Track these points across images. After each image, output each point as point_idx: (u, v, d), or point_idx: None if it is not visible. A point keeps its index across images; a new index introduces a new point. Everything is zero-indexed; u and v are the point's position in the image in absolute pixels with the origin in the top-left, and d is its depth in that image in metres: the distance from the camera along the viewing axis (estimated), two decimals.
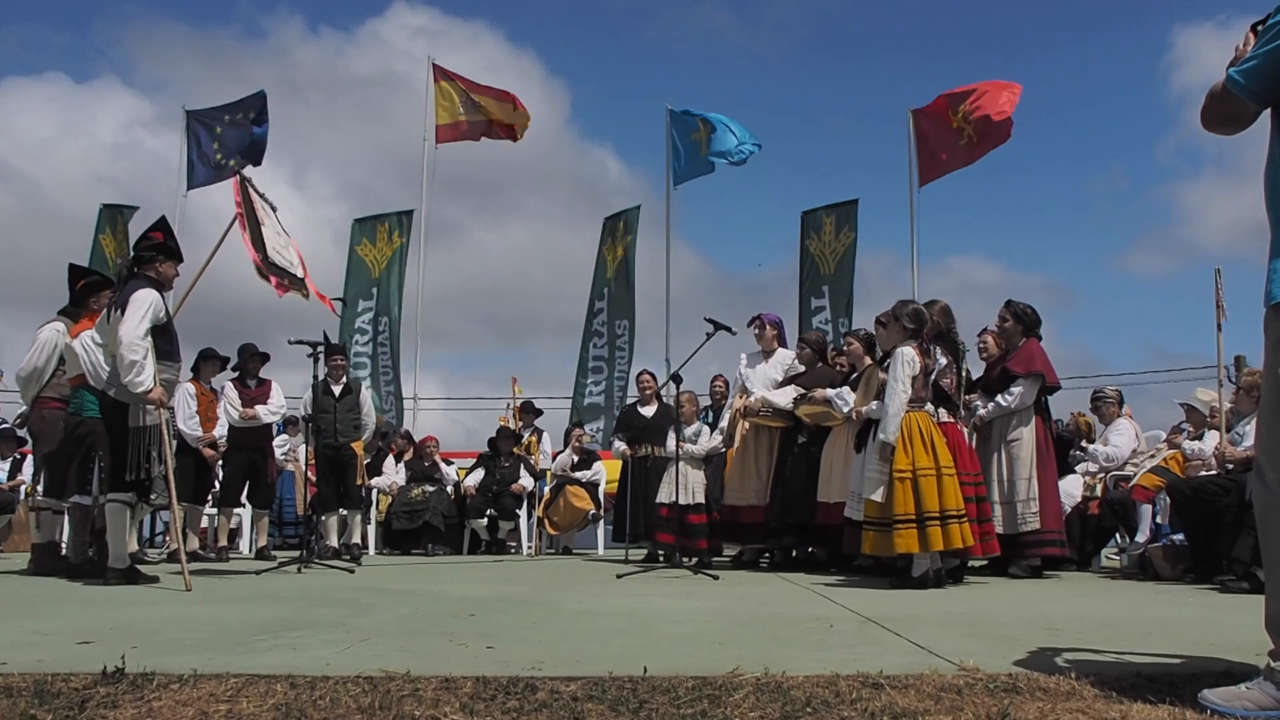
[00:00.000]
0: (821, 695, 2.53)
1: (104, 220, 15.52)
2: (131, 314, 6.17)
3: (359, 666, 2.88)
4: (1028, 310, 7.60)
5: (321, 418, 9.18)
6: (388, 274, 15.22)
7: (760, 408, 8.00)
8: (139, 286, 6.33)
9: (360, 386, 10.27)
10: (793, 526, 7.90)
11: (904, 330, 6.30)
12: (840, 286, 14.08)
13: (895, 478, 6.02)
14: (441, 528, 11.12)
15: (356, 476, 9.89)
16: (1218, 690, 2.47)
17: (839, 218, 14.31)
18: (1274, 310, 2.57)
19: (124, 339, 6.11)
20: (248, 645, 3.48)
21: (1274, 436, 2.56)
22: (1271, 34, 2.56)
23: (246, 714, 2.38)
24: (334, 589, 6.01)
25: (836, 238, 14.22)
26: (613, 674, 2.77)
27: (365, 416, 9.93)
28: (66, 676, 2.72)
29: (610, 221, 15.40)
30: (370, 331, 15.10)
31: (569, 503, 11.08)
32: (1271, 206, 2.63)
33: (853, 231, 14.21)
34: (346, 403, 9.70)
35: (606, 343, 15.02)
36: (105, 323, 6.40)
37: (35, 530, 7.41)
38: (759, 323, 8.55)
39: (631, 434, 9.63)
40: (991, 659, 3.06)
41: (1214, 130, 2.77)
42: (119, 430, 6.30)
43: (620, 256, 15.05)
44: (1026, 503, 7.16)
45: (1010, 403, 7.31)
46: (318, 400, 9.01)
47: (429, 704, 2.46)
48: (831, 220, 14.33)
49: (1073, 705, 2.42)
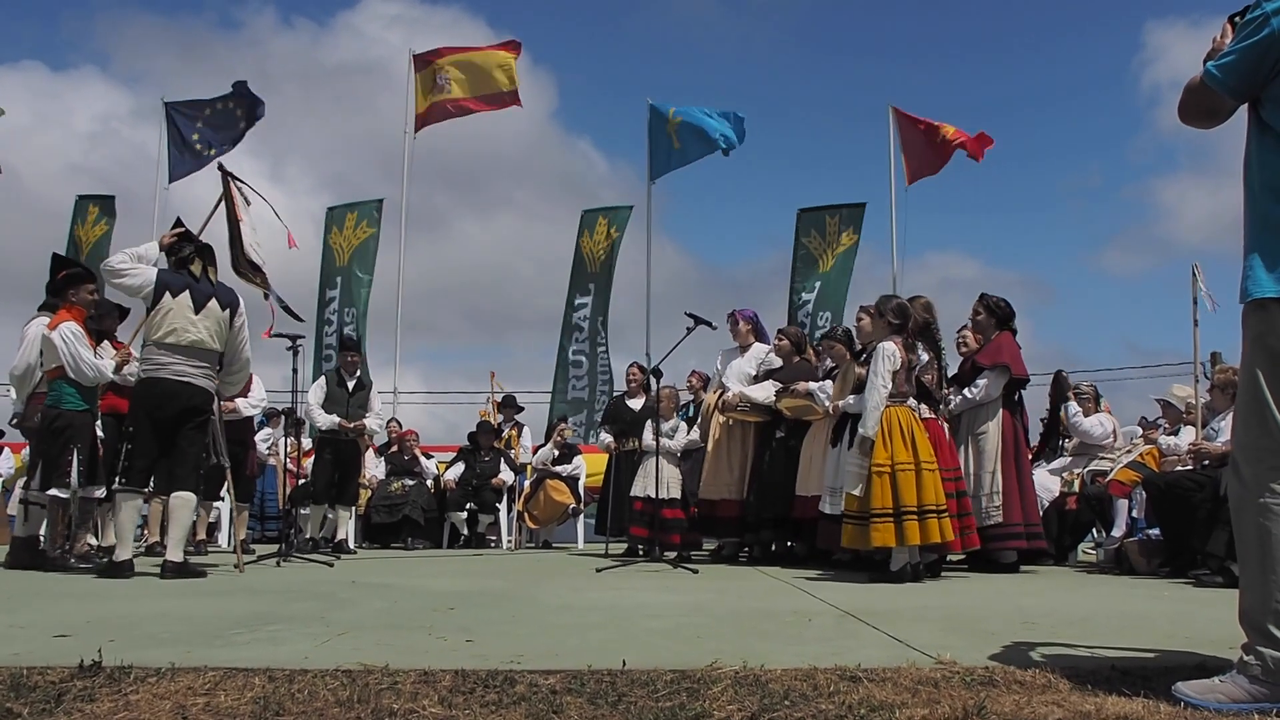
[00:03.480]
0: (799, 688, 2.53)
1: (79, 211, 15.39)
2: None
3: (338, 660, 2.87)
4: (1001, 303, 7.63)
5: (332, 409, 9.21)
6: (352, 264, 15.12)
7: (738, 403, 8.01)
8: (234, 293, 6.64)
9: (371, 384, 10.18)
10: (770, 520, 7.92)
11: (888, 325, 6.32)
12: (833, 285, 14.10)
13: (874, 472, 6.04)
14: (421, 522, 11.09)
15: (359, 474, 9.86)
16: (1192, 683, 2.49)
17: (844, 219, 14.34)
18: (1251, 307, 2.58)
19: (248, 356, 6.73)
20: (226, 639, 3.46)
21: (1249, 432, 2.58)
22: (1250, 28, 2.56)
23: (224, 707, 2.38)
24: (313, 583, 5.99)
25: (839, 238, 14.25)
26: (591, 667, 2.77)
27: (374, 414, 9.87)
28: (43, 670, 2.70)
29: (590, 215, 15.32)
30: (335, 322, 14.99)
31: (549, 497, 11.09)
32: (1249, 202, 2.65)
33: (856, 233, 14.25)
34: (359, 398, 9.68)
35: (587, 338, 14.98)
36: (194, 311, 6.42)
37: (22, 524, 7.39)
38: (733, 318, 8.58)
39: (618, 426, 9.64)
40: (968, 652, 3.08)
41: (1191, 124, 2.78)
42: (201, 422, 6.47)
43: (607, 254, 14.98)
44: (990, 496, 7.21)
45: (976, 395, 7.34)
46: (330, 392, 8.97)
47: (407, 697, 2.46)
48: (836, 220, 14.35)
49: (1048, 698, 2.44)
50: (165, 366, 6.34)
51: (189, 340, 6.37)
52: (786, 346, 8.22)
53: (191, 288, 6.44)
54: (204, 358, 6.45)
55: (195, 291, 6.44)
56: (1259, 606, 2.50)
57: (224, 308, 6.53)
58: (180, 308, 6.37)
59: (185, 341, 6.37)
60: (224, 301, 6.55)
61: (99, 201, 15.55)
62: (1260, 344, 2.56)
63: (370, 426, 9.73)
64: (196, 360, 6.41)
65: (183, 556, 6.40)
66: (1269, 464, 2.52)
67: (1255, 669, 2.45)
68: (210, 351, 6.47)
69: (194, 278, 6.50)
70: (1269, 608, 2.47)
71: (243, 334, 6.63)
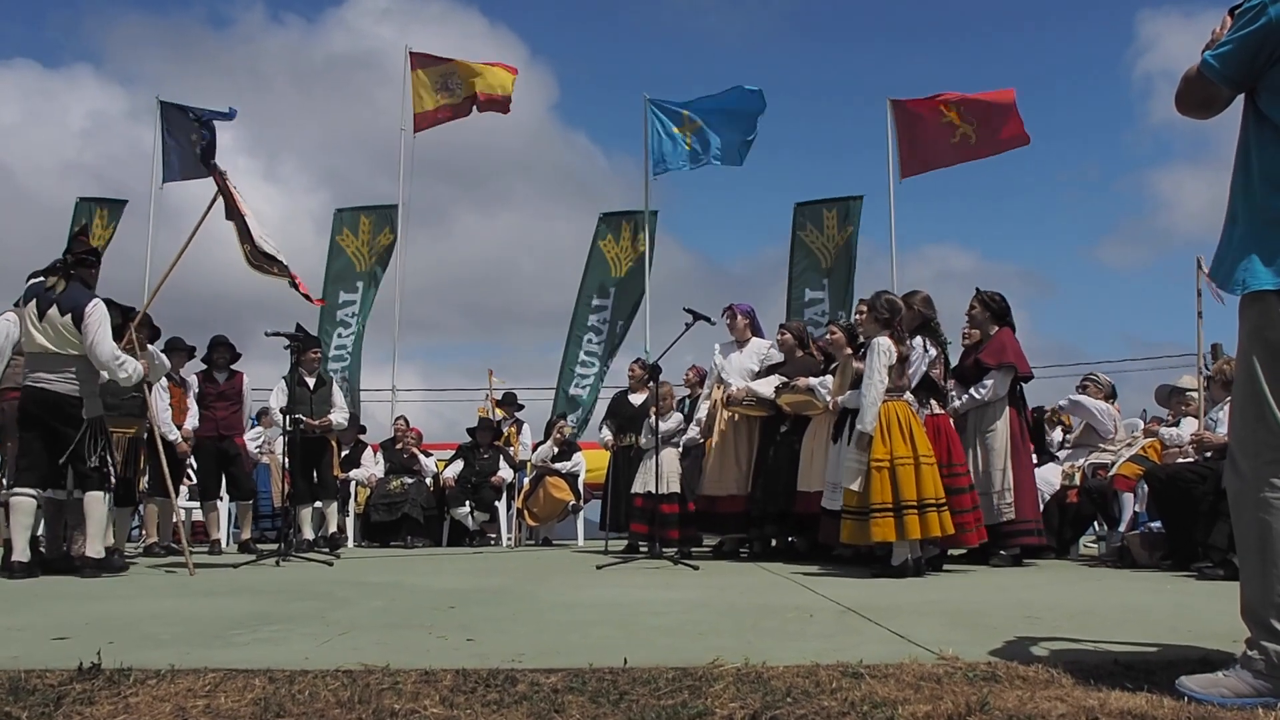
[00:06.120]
0: (801, 685, 2.53)
1: (83, 213, 15.27)
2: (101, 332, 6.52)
3: (338, 660, 2.86)
4: (995, 298, 7.62)
5: (298, 409, 9.14)
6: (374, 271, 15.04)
7: (744, 397, 7.99)
8: (88, 296, 6.58)
9: (332, 379, 10.22)
10: (774, 515, 7.91)
11: (877, 321, 6.32)
12: (838, 280, 14.04)
13: (873, 467, 6.03)
14: (420, 519, 11.08)
15: (333, 467, 9.84)
16: (1195, 677, 2.48)
17: (840, 212, 14.27)
18: (1248, 299, 2.57)
19: (104, 358, 6.50)
20: (225, 639, 3.46)
21: (1247, 426, 2.58)
22: (1247, 18, 2.56)
23: (225, 709, 2.37)
24: (312, 582, 5.98)
25: (839, 231, 14.20)
26: (593, 665, 2.76)
27: (338, 409, 9.86)
28: (42, 673, 2.70)
29: (612, 219, 15.18)
30: (354, 325, 14.94)
31: (549, 494, 11.08)
32: (1243, 192, 2.64)
33: (852, 226, 14.19)
34: (321, 395, 9.65)
35: (604, 340, 14.90)
36: (38, 319, 6.46)
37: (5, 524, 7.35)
38: (730, 313, 8.56)
39: (619, 422, 9.64)
40: (971, 647, 3.07)
41: (1188, 114, 2.78)
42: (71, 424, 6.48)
43: (634, 259, 14.90)
44: (1002, 493, 7.19)
45: (984, 395, 7.34)
46: (293, 392, 8.95)
47: (408, 697, 2.45)
48: (833, 214, 14.28)
49: (1051, 693, 2.43)
50: (27, 375, 6.53)
51: (36, 346, 6.49)
52: (789, 341, 8.20)
53: (39, 296, 6.53)
54: (58, 363, 6.50)
55: (40, 300, 6.51)
56: (1260, 601, 2.49)
57: (64, 313, 6.48)
58: (28, 316, 6.50)
59: (33, 349, 6.50)
60: (65, 307, 6.50)
61: (106, 205, 15.39)
62: (1258, 336, 2.55)
63: (336, 421, 9.65)
64: (50, 366, 6.49)
65: (102, 551, 6.52)
66: (1267, 458, 2.52)
67: (1259, 663, 2.44)
68: (58, 356, 6.48)
69: (46, 288, 6.58)
70: (1270, 602, 2.46)
71: (92, 335, 6.50)
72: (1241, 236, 2.60)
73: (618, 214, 15.18)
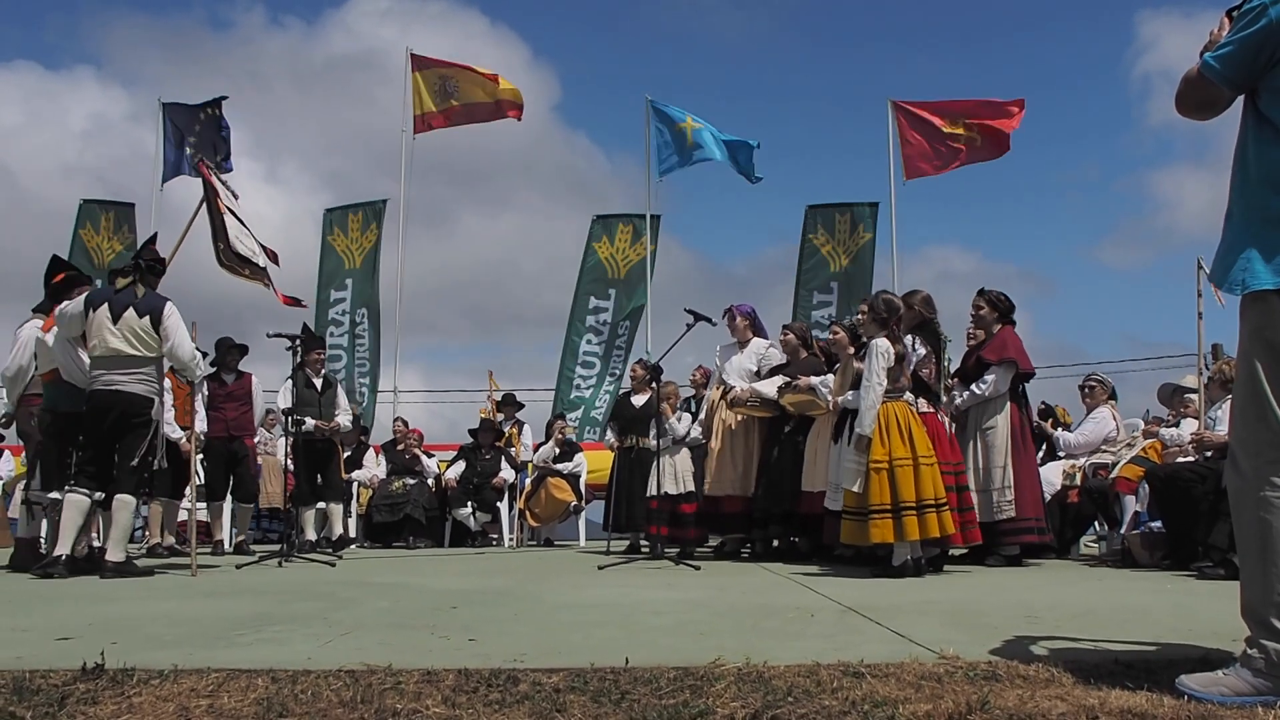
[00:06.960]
0: (803, 685, 2.53)
1: (87, 216, 15.27)
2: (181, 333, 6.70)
3: (340, 660, 2.87)
4: (1001, 298, 7.64)
5: (306, 411, 9.18)
6: (365, 267, 15.07)
7: (748, 398, 7.99)
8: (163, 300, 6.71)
9: (336, 380, 10.28)
10: (777, 515, 7.92)
11: (874, 321, 6.33)
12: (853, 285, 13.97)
13: (872, 468, 6.03)
14: (423, 520, 11.10)
15: (339, 470, 9.87)
16: (1195, 676, 2.49)
17: (855, 216, 14.25)
18: (1249, 299, 2.58)
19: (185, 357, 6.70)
20: (228, 640, 3.47)
21: (1248, 426, 2.58)
22: (1248, 19, 2.56)
23: (228, 709, 2.37)
24: (315, 583, 5.99)
25: (851, 236, 14.18)
26: (595, 665, 2.77)
27: (343, 411, 9.91)
28: (46, 673, 2.70)
29: (607, 220, 15.17)
30: (346, 324, 14.97)
31: (550, 495, 11.08)
32: (1242, 193, 2.65)
33: (870, 233, 14.17)
34: (328, 396, 9.69)
35: (604, 341, 14.90)
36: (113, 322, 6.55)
37: (25, 525, 7.45)
38: (730, 314, 8.56)
39: (622, 423, 9.66)
40: (971, 647, 3.08)
41: (1188, 115, 2.78)
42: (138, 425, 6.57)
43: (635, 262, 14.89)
44: (1002, 490, 7.20)
45: (984, 391, 7.35)
46: (300, 394, 8.96)
47: (411, 697, 2.46)
48: (846, 219, 14.27)
49: (1052, 692, 2.44)
50: (97, 378, 6.59)
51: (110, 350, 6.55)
52: (792, 342, 8.20)
53: (111, 300, 6.63)
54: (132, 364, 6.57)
55: (114, 303, 6.61)
56: (1260, 600, 2.50)
57: (142, 315, 6.59)
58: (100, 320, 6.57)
59: (106, 352, 6.56)
60: (143, 310, 6.61)
61: (112, 208, 15.38)
62: (1259, 336, 2.56)
63: (343, 424, 9.80)
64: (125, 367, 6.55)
65: (124, 556, 6.54)
66: (1268, 457, 2.52)
67: (1259, 662, 2.45)
68: (133, 357, 6.56)
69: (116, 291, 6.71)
70: (1270, 600, 2.47)
71: (173, 336, 6.65)
72: (1241, 237, 2.61)
73: (613, 216, 15.19)
